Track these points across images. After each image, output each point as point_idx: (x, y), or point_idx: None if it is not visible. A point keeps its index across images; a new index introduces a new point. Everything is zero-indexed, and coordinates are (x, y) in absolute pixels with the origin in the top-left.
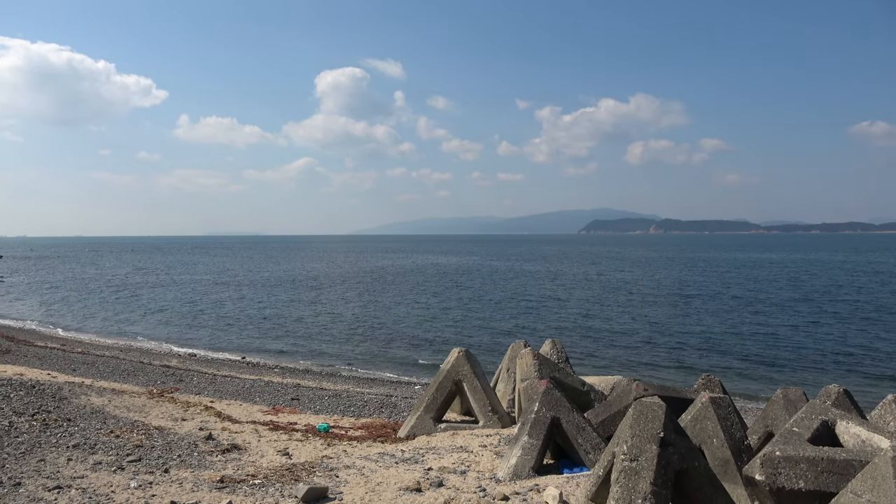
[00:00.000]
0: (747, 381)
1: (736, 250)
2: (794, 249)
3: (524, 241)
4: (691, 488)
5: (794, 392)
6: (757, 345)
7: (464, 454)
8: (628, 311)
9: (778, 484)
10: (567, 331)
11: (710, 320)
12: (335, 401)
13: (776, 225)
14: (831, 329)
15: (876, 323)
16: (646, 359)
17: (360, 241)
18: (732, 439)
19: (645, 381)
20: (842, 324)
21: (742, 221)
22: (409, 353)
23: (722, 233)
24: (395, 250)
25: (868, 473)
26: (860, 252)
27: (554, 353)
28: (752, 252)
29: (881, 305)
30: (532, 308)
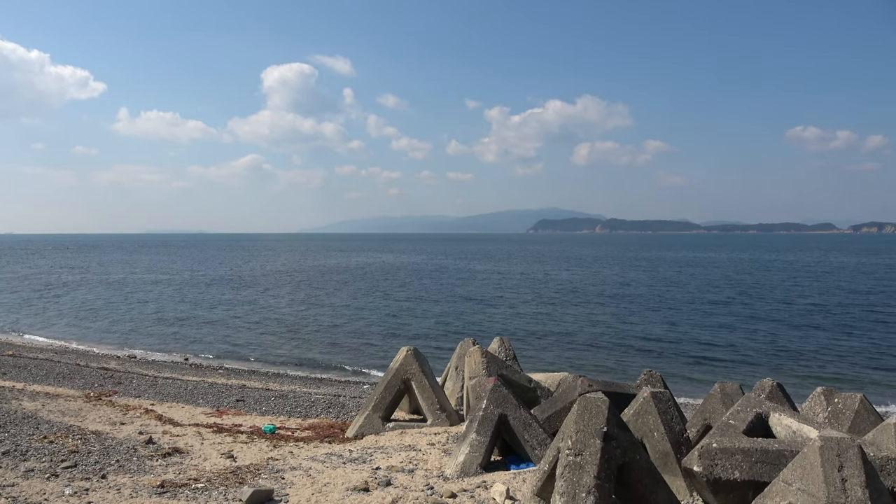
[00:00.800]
0: (687, 375)
1: (678, 249)
2: (732, 249)
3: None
4: (633, 481)
5: (730, 386)
6: (696, 341)
7: (412, 453)
8: (574, 309)
9: (715, 475)
10: (515, 329)
11: (652, 317)
12: (282, 401)
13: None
14: (766, 325)
15: (808, 320)
16: (591, 355)
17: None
18: (672, 432)
19: (590, 378)
20: (776, 321)
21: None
22: (357, 353)
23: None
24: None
25: (798, 463)
26: (793, 251)
27: (502, 351)
28: (693, 251)
29: (813, 304)
30: (480, 306)
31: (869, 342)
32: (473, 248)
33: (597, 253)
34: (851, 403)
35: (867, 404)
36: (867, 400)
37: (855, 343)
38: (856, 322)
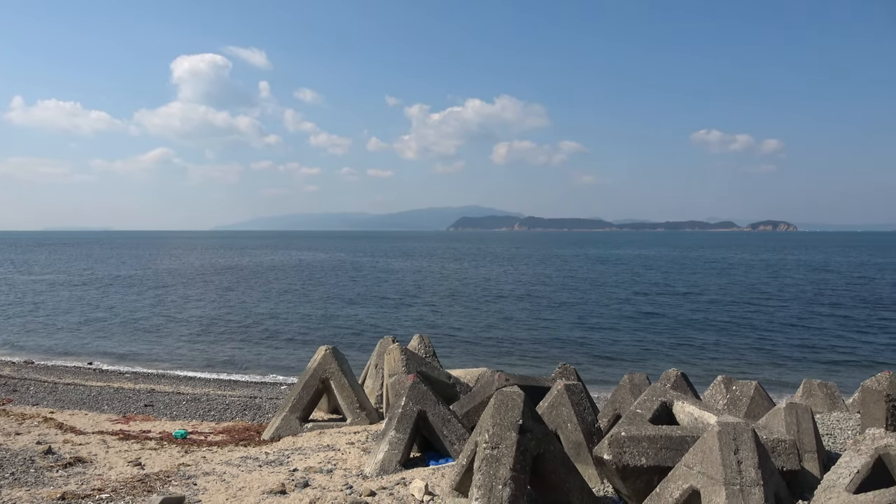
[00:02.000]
0: (600, 367)
1: (591, 247)
2: (641, 246)
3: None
4: (547, 471)
5: (638, 377)
6: (607, 334)
7: (331, 453)
8: (492, 305)
9: (623, 462)
10: (435, 326)
11: (566, 312)
12: (194, 405)
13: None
14: (670, 319)
15: (709, 313)
16: (509, 350)
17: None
18: (585, 423)
19: (507, 372)
20: (679, 315)
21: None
22: (273, 353)
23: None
24: (260, 247)
25: (698, 447)
26: (696, 248)
27: (422, 348)
28: (605, 249)
29: (714, 298)
30: (400, 304)
31: (765, 333)
32: (394, 246)
33: (515, 251)
34: (747, 390)
35: (761, 391)
36: (761, 387)
37: (752, 333)
38: (753, 314)
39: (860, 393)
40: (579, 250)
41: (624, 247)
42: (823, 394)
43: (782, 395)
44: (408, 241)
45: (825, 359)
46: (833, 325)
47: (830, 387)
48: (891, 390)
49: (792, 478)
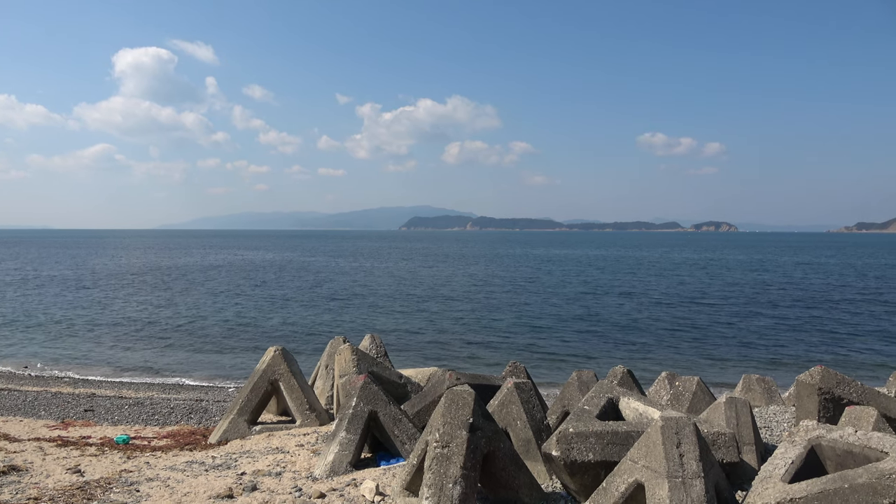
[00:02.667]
0: (549, 365)
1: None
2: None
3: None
4: (497, 468)
5: (586, 374)
6: (556, 332)
7: (280, 455)
8: (443, 304)
9: (571, 458)
10: (387, 325)
11: (515, 310)
12: (137, 409)
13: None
14: (620, 316)
15: (653, 311)
16: (460, 349)
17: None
18: (534, 420)
19: (458, 371)
20: (627, 312)
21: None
22: (220, 355)
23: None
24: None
25: (643, 442)
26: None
27: (373, 348)
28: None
29: (658, 299)
30: (352, 304)
31: (707, 330)
32: (345, 246)
33: (466, 250)
34: (690, 386)
35: (703, 386)
36: (703, 383)
37: (695, 331)
38: (695, 313)
39: (795, 387)
40: (530, 250)
41: (573, 247)
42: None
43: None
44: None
45: (763, 355)
46: (770, 323)
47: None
48: (823, 384)
49: (732, 469)
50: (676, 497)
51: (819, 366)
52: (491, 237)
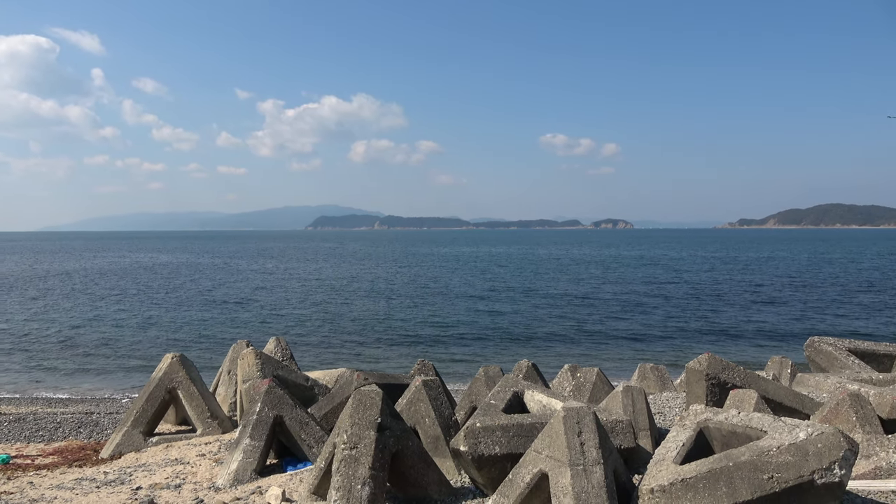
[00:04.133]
0: (458, 362)
1: (447, 245)
2: (495, 243)
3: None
4: (406, 467)
5: (493, 369)
6: (463, 329)
7: (179, 466)
8: (350, 304)
9: (479, 452)
10: (293, 328)
11: (422, 309)
12: (18, 426)
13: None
14: (522, 311)
15: (555, 307)
16: (369, 349)
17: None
18: (442, 417)
19: (366, 371)
20: (529, 307)
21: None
22: (112, 363)
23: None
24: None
25: (546, 432)
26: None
27: (278, 351)
28: (462, 246)
29: (561, 293)
30: (255, 307)
31: (606, 322)
32: (248, 246)
33: (373, 249)
34: (590, 377)
35: (602, 376)
36: (602, 373)
37: (596, 324)
38: (595, 306)
39: (685, 374)
40: (437, 248)
41: (479, 245)
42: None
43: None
44: (264, 241)
45: (657, 345)
46: (663, 314)
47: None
48: (710, 370)
49: (629, 454)
50: (578, 484)
51: (706, 353)
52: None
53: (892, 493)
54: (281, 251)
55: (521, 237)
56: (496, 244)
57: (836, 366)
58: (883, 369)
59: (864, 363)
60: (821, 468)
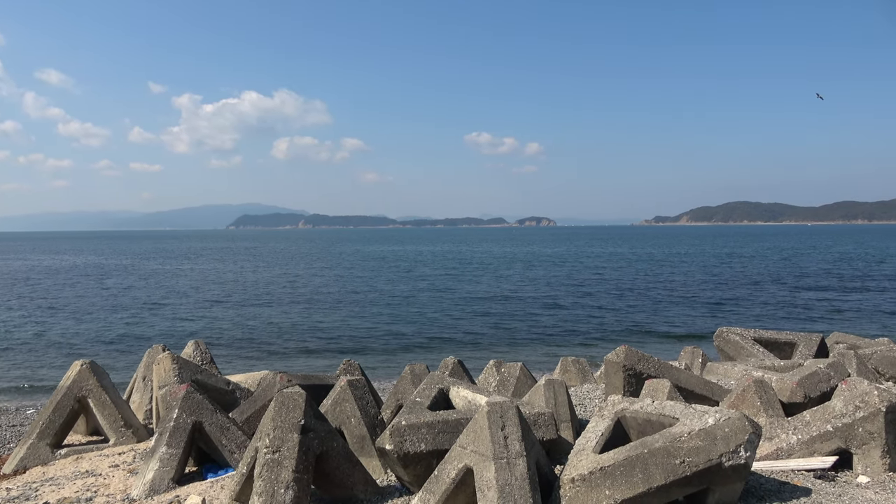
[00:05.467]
0: (384, 361)
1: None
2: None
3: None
4: (331, 468)
5: (419, 367)
6: (389, 327)
7: (90, 479)
8: (274, 305)
9: (404, 450)
10: (213, 330)
11: (348, 309)
12: None
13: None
14: (448, 309)
15: (480, 304)
16: (294, 351)
17: None
18: (368, 416)
19: (289, 373)
20: (454, 304)
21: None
22: (14, 373)
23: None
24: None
25: (470, 428)
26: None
27: (197, 355)
28: (387, 245)
29: (485, 290)
30: (172, 310)
31: (530, 318)
32: (165, 247)
33: (298, 249)
34: (514, 371)
35: (526, 371)
36: (526, 367)
37: (521, 321)
38: (518, 302)
39: (604, 366)
40: (363, 247)
41: (406, 243)
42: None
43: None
44: (182, 241)
45: (579, 338)
46: (584, 309)
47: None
48: (626, 361)
49: (551, 446)
50: (502, 477)
51: (623, 346)
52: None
53: (793, 472)
54: (199, 251)
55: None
56: (423, 242)
57: (743, 354)
58: (784, 356)
59: (767, 351)
60: (728, 451)
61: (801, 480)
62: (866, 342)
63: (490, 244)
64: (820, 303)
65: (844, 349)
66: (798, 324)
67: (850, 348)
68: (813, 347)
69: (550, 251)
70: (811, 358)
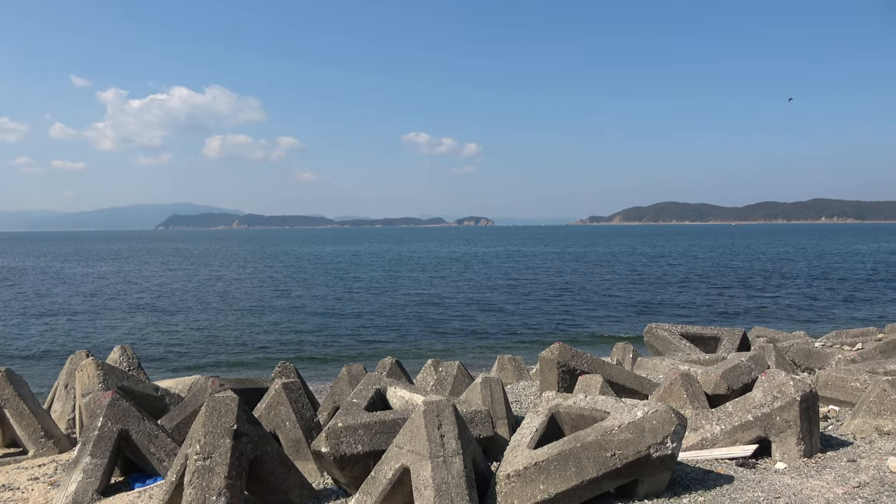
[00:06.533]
0: (321, 363)
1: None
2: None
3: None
4: (265, 473)
5: (356, 368)
6: (326, 329)
7: (7, 493)
8: (206, 308)
9: (340, 452)
10: (141, 335)
11: (282, 312)
12: None
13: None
14: (386, 310)
15: (418, 306)
16: (226, 355)
17: None
18: (304, 419)
19: (222, 377)
20: (392, 305)
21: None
22: None
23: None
24: None
25: (407, 427)
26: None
27: (124, 360)
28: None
29: (423, 291)
30: (95, 314)
31: (468, 318)
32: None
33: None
34: (451, 370)
35: (463, 369)
36: (463, 366)
37: (457, 320)
38: (456, 302)
39: (539, 363)
40: (299, 248)
41: (343, 243)
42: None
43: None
44: (107, 243)
45: (516, 337)
46: (520, 307)
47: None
48: (560, 358)
49: (488, 443)
50: (439, 476)
51: (557, 343)
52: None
53: (716, 461)
54: (125, 253)
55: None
56: (360, 242)
57: (671, 349)
58: (709, 350)
59: (694, 346)
60: (656, 443)
61: (724, 468)
62: (784, 336)
63: (429, 244)
64: (743, 299)
65: (765, 343)
66: (722, 319)
67: (769, 342)
68: (736, 341)
69: (489, 251)
70: (734, 351)
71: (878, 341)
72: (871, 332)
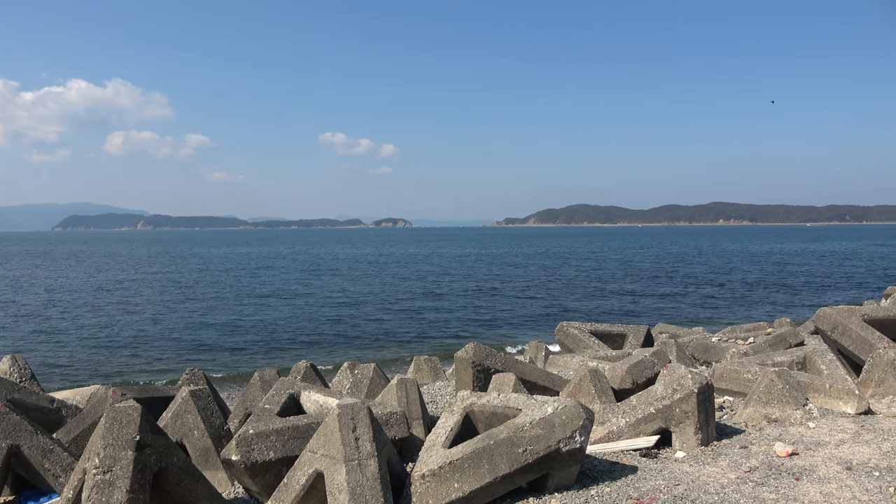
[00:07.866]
0: (232, 368)
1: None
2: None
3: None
4: (171, 484)
5: (268, 373)
6: (235, 333)
7: None
8: (105, 313)
9: (252, 459)
10: (34, 343)
11: (190, 315)
12: None
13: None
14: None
15: (323, 308)
16: (128, 362)
17: None
18: (213, 427)
19: (123, 387)
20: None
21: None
22: None
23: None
24: None
25: (321, 431)
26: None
27: (15, 371)
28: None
29: (337, 292)
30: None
31: (385, 320)
32: None
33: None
34: (367, 372)
35: (379, 371)
36: (379, 368)
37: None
38: (373, 304)
39: (454, 363)
40: (209, 249)
41: (257, 245)
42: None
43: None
44: None
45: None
46: (435, 308)
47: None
48: (475, 357)
49: (403, 444)
50: (353, 479)
51: (472, 342)
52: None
53: (622, 452)
54: (13, 255)
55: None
56: (275, 244)
57: (581, 346)
58: (617, 347)
59: (602, 343)
60: (565, 437)
61: (628, 459)
62: (685, 332)
63: (346, 246)
64: (647, 297)
65: (667, 339)
66: (629, 317)
67: (671, 337)
68: (641, 338)
69: (406, 252)
70: (639, 347)
71: (767, 335)
72: (761, 326)
